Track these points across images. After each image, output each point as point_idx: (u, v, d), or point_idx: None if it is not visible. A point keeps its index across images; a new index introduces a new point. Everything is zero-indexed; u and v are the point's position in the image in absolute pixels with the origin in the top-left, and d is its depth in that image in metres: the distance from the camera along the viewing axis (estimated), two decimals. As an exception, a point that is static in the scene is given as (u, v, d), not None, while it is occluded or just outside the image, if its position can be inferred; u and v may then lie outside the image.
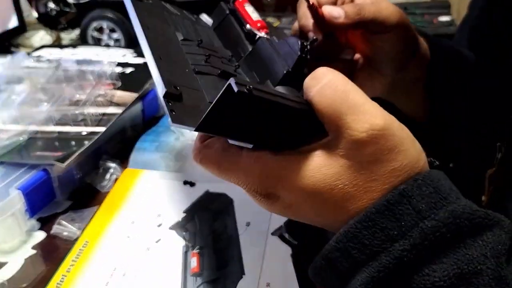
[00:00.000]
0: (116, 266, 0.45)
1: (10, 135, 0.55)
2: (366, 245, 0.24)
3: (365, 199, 0.25)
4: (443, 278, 0.22)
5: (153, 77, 0.29)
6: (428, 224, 0.23)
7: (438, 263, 0.23)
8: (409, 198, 0.24)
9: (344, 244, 0.25)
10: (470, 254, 0.23)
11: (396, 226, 0.24)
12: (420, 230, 0.23)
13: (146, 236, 0.48)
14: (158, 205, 0.53)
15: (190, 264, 0.45)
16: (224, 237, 0.48)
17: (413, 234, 0.23)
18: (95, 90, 0.65)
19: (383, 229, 0.24)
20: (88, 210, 0.52)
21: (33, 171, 0.51)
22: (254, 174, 0.27)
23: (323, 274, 0.27)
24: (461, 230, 0.23)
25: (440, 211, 0.24)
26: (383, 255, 0.23)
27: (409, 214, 0.24)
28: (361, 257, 0.24)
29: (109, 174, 0.58)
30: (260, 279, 0.43)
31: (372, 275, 0.23)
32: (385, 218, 0.24)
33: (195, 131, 0.26)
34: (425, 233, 0.23)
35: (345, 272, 0.25)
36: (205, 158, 0.30)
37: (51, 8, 0.98)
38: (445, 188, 0.25)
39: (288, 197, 0.27)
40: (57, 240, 0.49)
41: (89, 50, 0.86)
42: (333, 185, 0.25)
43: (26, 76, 0.68)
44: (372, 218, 0.24)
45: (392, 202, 0.24)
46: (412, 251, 0.23)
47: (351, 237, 0.25)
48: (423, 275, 0.23)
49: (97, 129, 0.57)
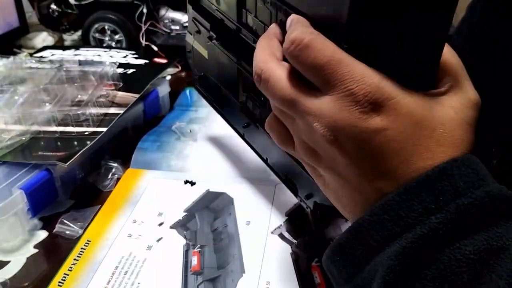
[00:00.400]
0: (117, 264, 0.45)
1: (13, 135, 0.56)
2: (402, 217, 0.24)
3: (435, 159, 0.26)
4: (473, 251, 0.23)
5: None
6: (465, 201, 0.24)
7: (469, 238, 0.23)
8: (449, 176, 0.24)
9: (379, 217, 0.25)
10: (500, 232, 0.23)
11: (434, 200, 0.24)
12: (456, 205, 0.24)
13: (148, 235, 0.49)
14: (159, 204, 0.53)
15: (191, 263, 0.45)
16: (224, 236, 0.48)
17: (450, 209, 0.24)
18: (97, 90, 0.66)
19: (421, 202, 0.24)
20: (90, 210, 0.52)
21: (36, 170, 0.51)
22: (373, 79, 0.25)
23: (347, 250, 0.27)
24: (495, 210, 0.24)
25: (477, 190, 0.24)
26: (418, 227, 0.24)
27: (447, 190, 0.24)
28: (396, 229, 0.24)
29: (111, 174, 0.58)
30: (260, 278, 0.43)
31: (404, 246, 0.24)
32: (424, 192, 0.24)
33: None
34: (461, 209, 0.23)
35: (375, 246, 0.25)
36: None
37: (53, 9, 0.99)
38: (483, 170, 0.25)
39: (391, 117, 0.25)
40: (59, 239, 0.49)
41: (91, 51, 0.86)
42: (437, 126, 0.26)
43: (28, 77, 0.68)
44: (411, 191, 0.25)
45: (432, 178, 0.25)
46: (447, 225, 0.23)
47: (388, 210, 0.25)
48: (454, 248, 0.23)
49: (99, 129, 0.58)
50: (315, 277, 0.43)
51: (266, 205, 0.52)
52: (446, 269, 0.23)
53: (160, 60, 0.81)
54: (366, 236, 0.26)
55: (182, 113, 0.72)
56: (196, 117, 0.71)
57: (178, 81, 0.84)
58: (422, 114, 0.26)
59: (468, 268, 0.23)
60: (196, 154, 0.61)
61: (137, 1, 0.90)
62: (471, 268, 0.23)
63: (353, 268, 0.27)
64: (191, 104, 0.75)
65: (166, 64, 0.79)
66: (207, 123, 0.68)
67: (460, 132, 0.26)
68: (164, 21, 0.95)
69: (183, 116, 0.71)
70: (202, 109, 0.73)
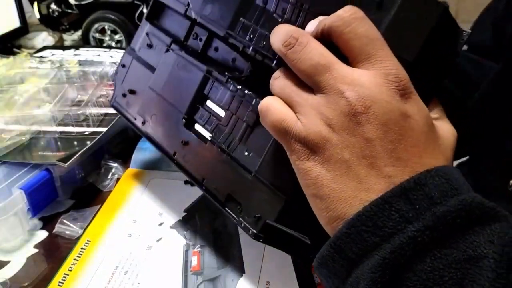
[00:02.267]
0: (117, 264, 0.45)
1: (13, 135, 0.56)
2: (380, 227, 0.25)
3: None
4: (454, 261, 0.23)
5: None
6: (440, 209, 0.24)
7: (448, 247, 0.23)
8: (423, 186, 0.25)
9: (357, 228, 0.25)
10: (478, 240, 0.23)
11: (410, 209, 0.24)
12: (432, 213, 0.24)
13: (148, 235, 0.49)
14: (159, 204, 0.53)
15: (191, 263, 0.45)
16: (224, 236, 0.48)
17: (426, 217, 0.24)
18: (97, 90, 0.66)
19: (398, 211, 0.25)
20: (90, 210, 0.53)
21: (36, 170, 0.51)
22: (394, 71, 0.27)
23: (330, 263, 0.26)
24: (470, 217, 0.24)
25: (451, 199, 0.25)
26: (397, 236, 0.24)
27: (422, 199, 0.25)
28: (374, 240, 0.25)
29: (111, 174, 0.58)
30: (260, 278, 0.43)
31: (384, 257, 0.24)
32: (401, 201, 0.25)
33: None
34: (437, 216, 0.24)
35: (354, 259, 0.25)
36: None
37: (53, 10, 0.99)
38: (457, 181, 0.26)
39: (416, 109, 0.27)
40: (59, 239, 0.49)
41: (91, 51, 0.86)
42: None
43: (28, 77, 0.69)
44: (388, 201, 0.25)
45: (408, 188, 0.25)
46: (425, 232, 0.23)
47: (365, 220, 0.25)
48: (435, 258, 0.23)
49: (99, 129, 0.58)
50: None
51: (266, 205, 0.52)
52: (429, 279, 0.23)
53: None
54: (345, 249, 0.26)
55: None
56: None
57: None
58: (432, 122, 0.28)
59: (450, 277, 0.23)
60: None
61: (137, 1, 0.90)
62: (453, 278, 0.23)
63: (337, 279, 0.27)
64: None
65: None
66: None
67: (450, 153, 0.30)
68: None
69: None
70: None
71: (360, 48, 0.27)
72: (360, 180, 0.26)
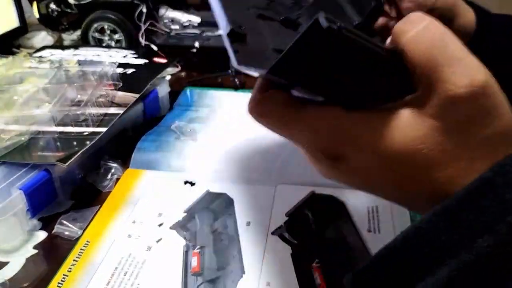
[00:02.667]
0: (117, 265, 0.45)
1: (12, 135, 0.56)
2: (442, 241, 0.21)
3: (452, 167, 0.22)
4: None
5: (216, 15, 0.25)
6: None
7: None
8: (495, 188, 0.20)
9: (413, 243, 0.21)
10: None
11: (480, 220, 0.20)
12: (508, 225, 0.19)
13: (147, 236, 0.48)
14: (159, 205, 0.53)
15: (191, 264, 0.45)
16: (224, 236, 0.48)
17: (500, 229, 0.19)
18: (97, 90, 0.65)
19: (463, 222, 0.20)
20: (89, 210, 0.52)
21: (35, 171, 0.51)
22: (322, 130, 0.23)
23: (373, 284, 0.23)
24: None
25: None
26: (464, 251, 0.20)
27: (494, 206, 0.20)
28: (435, 255, 0.21)
29: (110, 174, 0.58)
30: (260, 279, 0.43)
31: (448, 275, 0.20)
32: (467, 210, 0.20)
33: (267, 73, 0.22)
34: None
35: (408, 280, 0.21)
36: (265, 111, 0.25)
37: (53, 9, 0.98)
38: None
39: (358, 159, 0.23)
40: (58, 239, 0.49)
41: (91, 51, 0.86)
42: (416, 149, 0.22)
43: (28, 77, 0.68)
44: (452, 210, 0.21)
45: (475, 192, 0.21)
46: (498, 248, 0.19)
47: (423, 233, 0.21)
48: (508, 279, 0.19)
49: (98, 130, 0.58)
50: (316, 278, 0.43)
51: (266, 206, 0.52)
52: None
53: (160, 60, 0.81)
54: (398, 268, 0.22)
55: (182, 112, 0.72)
56: (196, 116, 0.70)
57: (178, 81, 0.84)
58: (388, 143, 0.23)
59: None
60: (196, 154, 0.61)
61: (137, 1, 0.90)
62: None
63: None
64: (191, 104, 0.75)
65: (166, 64, 0.79)
66: (207, 123, 0.68)
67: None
68: (164, 21, 0.94)
69: (183, 116, 0.71)
70: (202, 108, 0.73)
71: None
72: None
